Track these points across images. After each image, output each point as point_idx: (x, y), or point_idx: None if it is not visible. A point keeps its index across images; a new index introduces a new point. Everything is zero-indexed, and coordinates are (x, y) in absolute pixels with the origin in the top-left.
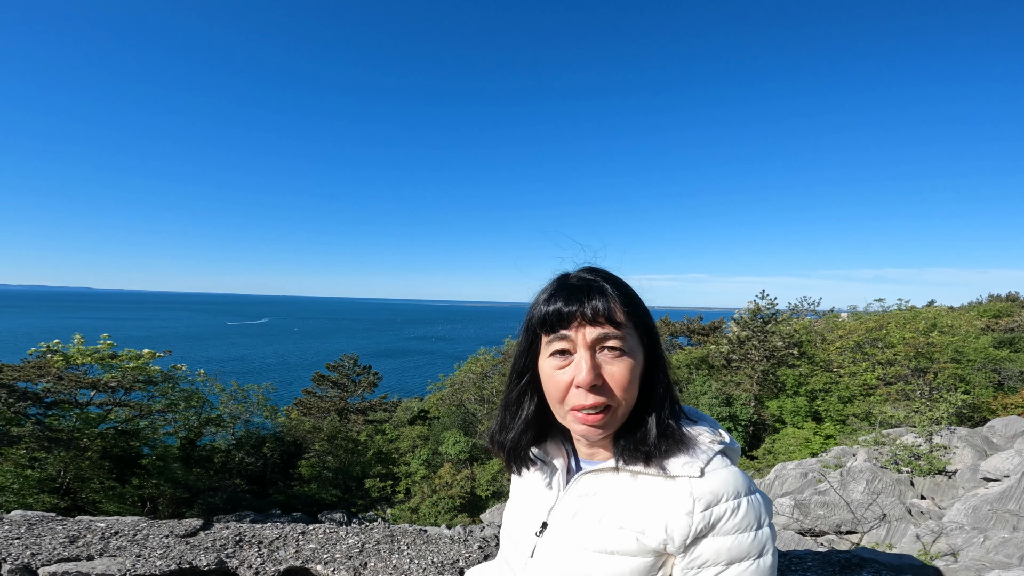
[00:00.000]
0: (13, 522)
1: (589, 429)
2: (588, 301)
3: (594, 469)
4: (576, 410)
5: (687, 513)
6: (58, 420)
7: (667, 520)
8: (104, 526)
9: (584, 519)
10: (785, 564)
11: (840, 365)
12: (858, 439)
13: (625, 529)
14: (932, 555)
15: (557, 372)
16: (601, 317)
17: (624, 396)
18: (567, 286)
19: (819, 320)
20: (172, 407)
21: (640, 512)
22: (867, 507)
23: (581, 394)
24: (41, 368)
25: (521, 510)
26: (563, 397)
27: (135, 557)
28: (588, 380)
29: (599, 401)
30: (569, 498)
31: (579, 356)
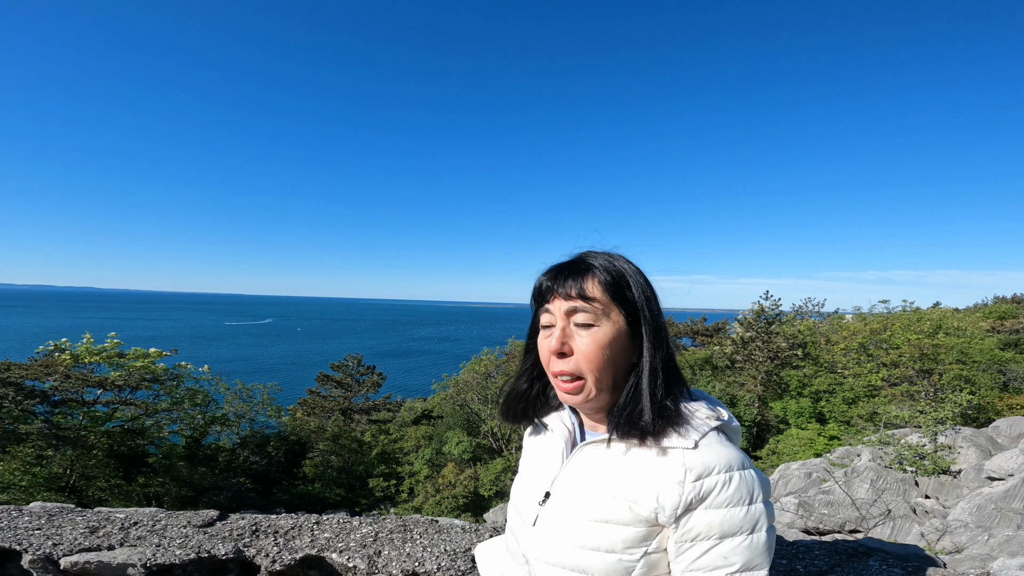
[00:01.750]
0: (33, 513)
1: (566, 396)
2: (565, 278)
3: (593, 441)
4: (555, 376)
5: (678, 483)
6: (65, 418)
7: (658, 489)
8: (123, 517)
9: (582, 488)
10: (792, 552)
11: (844, 366)
12: (863, 439)
13: (619, 498)
14: (938, 552)
15: (542, 341)
16: (572, 291)
17: (591, 367)
18: (556, 267)
19: (823, 321)
20: (177, 406)
21: (633, 482)
22: (871, 505)
23: (555, 361)
24: (48, 367)
25: (527, 481)
26: (547, 364)
27: (155, 547)
28: (552, 347)
29: (566, 369)
30: (571, 468)
31: (557, 327)
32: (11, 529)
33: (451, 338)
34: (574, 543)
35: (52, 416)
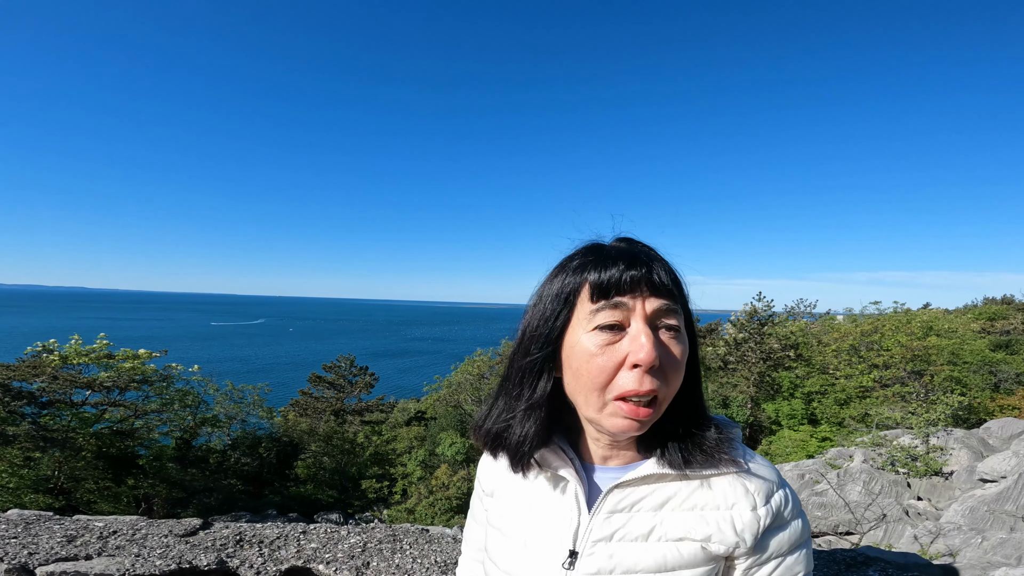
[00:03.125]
0: (10, 521)
1: (632, 424)
2: (652, 265)
3: (629, 480)
4: (623, 399)
5: (752, 509)
6: (53, 420)
7: (735, 521)
8: (102, 525)
9: (629, 538)
10: None
11: (836, 368)
12: (855, 441)
13: (686, 540)
14: (931, 556)
15: (605, 349)
16: (665, 288)
17: (675, 385)
18: (618, 250)
19: (815, 322)
20: (167, 407)
21: (701, 518)
22: (866, 508)
23: (636, 377)
24: (36, 368)
25: (528, 542)
26: (608, 381)
27: (134, 557)
28: (652, 357)
29: (654, 388)
30: (604, 517)
31: (636, 330)
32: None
33: (445, 338)
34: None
35: (40, 417)
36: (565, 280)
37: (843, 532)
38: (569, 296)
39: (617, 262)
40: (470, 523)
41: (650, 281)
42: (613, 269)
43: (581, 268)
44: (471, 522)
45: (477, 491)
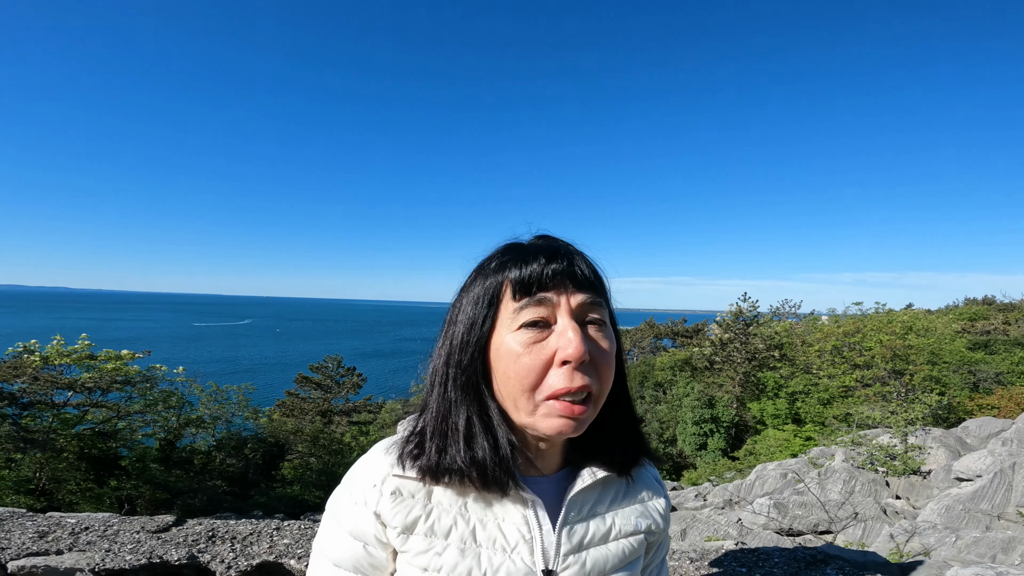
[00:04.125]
0: None
1: (569, 423)
2: (573, 259)
3: (585, 487)
4: (555, 397)
5: (664, 496)
6: (34, 421)
7: (660, 509)
8: (74, 522)
9: (595, 543)
10: (753, 560)
11: (819, 368)
12: (836, 440)
13: (637, 533)
14: (905, 554)
15: (532, 347)
16: (588, 280)
17: (608, 380)
18: (537, 246)
19: (800, 323)
20: (150, 408)
21: (641, 512)
22: (842, 506)
23: (567, 374)
24: (17, 368)
25: (483, 572)
26: (537, 381)
27: (104, 552)
28: (581, 351)
29: (586, 383)
30: (567, 529)
31: (563, 325)
32: None
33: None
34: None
35: (21, 419)
36: (486, 282)
37: (821, 531)
38: (492, 298)
39: (538, 257)
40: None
41: (573, 275)
42: (534, 264)
43: (501, 267)
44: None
45: (356, 538)
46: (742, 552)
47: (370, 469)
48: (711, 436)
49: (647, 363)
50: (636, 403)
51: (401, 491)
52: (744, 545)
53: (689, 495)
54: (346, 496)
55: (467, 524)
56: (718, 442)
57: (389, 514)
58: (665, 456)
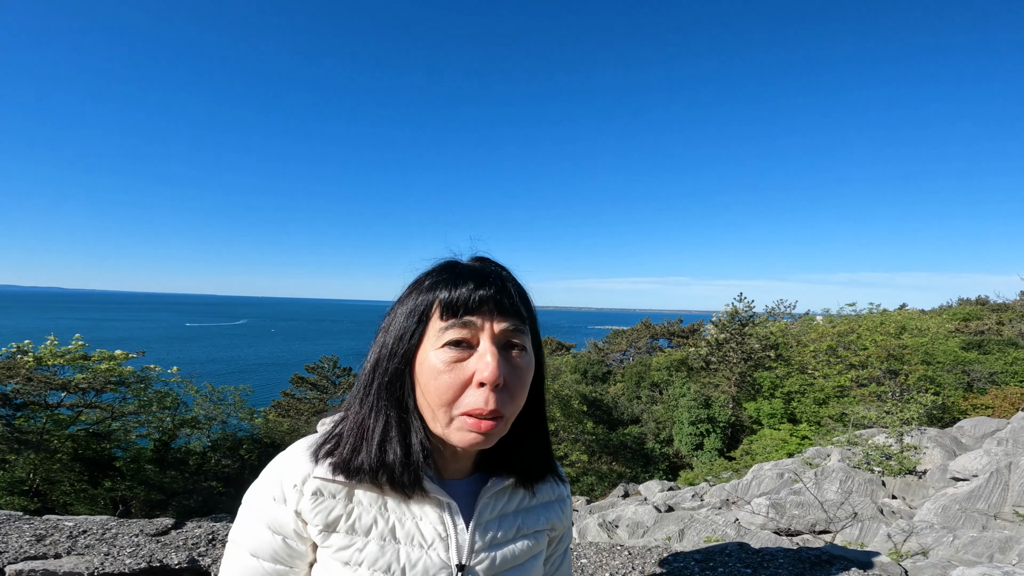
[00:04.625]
0: None
1: (477, 437)
2: (502, 288)
3: (496, 491)
4: (469, 415)
5: (567, 496)
6: (28, 422)
7: (563, 509)
8: (72, 525)
9: (504, 541)
10: (757, 561)
11: (815, 367)
12: (832, 440)
13: (540, 531)
14: (903, 554)
15: (452, 366)
16: (514, 308)
17: (518, 403)
18: (470, 269)
19: (795, 323)
20: (145, 408)
21: (543, 511)
22: (839, 506)
23: (482, 395)
24: (10, 369)
25: (402, 566)
26: (454, 398)
27: (103, 555)
28: (495, 376)
29: (496, 408)
30: (480, 528)
31: (483, 348)
32: None
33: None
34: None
35: (14, 420)
36: (418, 299)
37: (819, 531)
38: (422, 314)
39: (468, 281)
40: (255, 566)
41: (499, 302)
42: (463, 288)
43: (433, 287)
44: (258, 565)
45: (275, 532)
46: (745, 553)
47: (291, 468)
48: (707, 436)
49: (643, 363)
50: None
51: (322, 491)
52: (746, 545)
53: (686, 495)
54: (265, 493)
55: (387, 522)
56: (714, 442)
57: (310, 513)
58: (661, 456)
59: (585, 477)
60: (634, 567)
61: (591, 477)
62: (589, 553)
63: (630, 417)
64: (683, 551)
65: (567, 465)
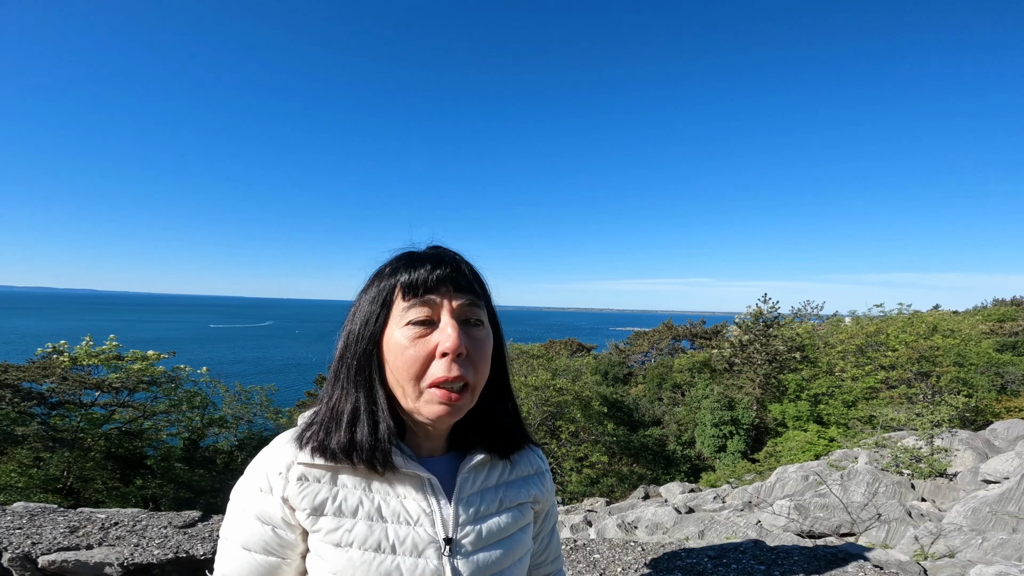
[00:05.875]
0: (16, 513)
1: (446, 409)
2: (457, 268)
3: (473, 465)
4: (437, 385)
5: (546, 471)
6: (62, 420)
7: (544, 482)
8: (104, 517)
9: (488, 514)
10: (771, 558)
11: (842, 369)
12: (859, 442)
13: (524, 503)
14: (929, 555)
15: (417, 341)
16: (469, 285)
17: (483, 373)
18: (426, 255)
19: (822, 324)
20: (175, 408)
21: (525, 484)
22: (862, 508)
23: (445, 365)
24: (46, 369)
25: (392, 543)
26: (421, 371)
27: (133, 546)
28: (456, 344)
29: (461, 374)
30: (463, 502)
31: (444, 322)
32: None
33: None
34: (510, 564)
35: (49, 418)
36: (381, 284)
37: (844, 533)
38: (385, 298)
39: (425, 264)
40: (248, 559)
41: (455, 280)
42: (421, 270)
43: (394, 272)
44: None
45: (264, 522)
46: (760, 550)
47: (275, 458)
48: (730, 438)
49: (665, 365)
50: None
51: (307, 476)
52: (762, 543)
53: (707, 497)
54: (252, 485)
55: (372, 502)
56: (737, 444)
57: (297, 499)
58: (683, 458)
59: (605, 479)
60: (646, 562)
61: (611, 479)
62: (602, 548)
63: (651, 419)
64: (697, 547)
65: (587, 466)
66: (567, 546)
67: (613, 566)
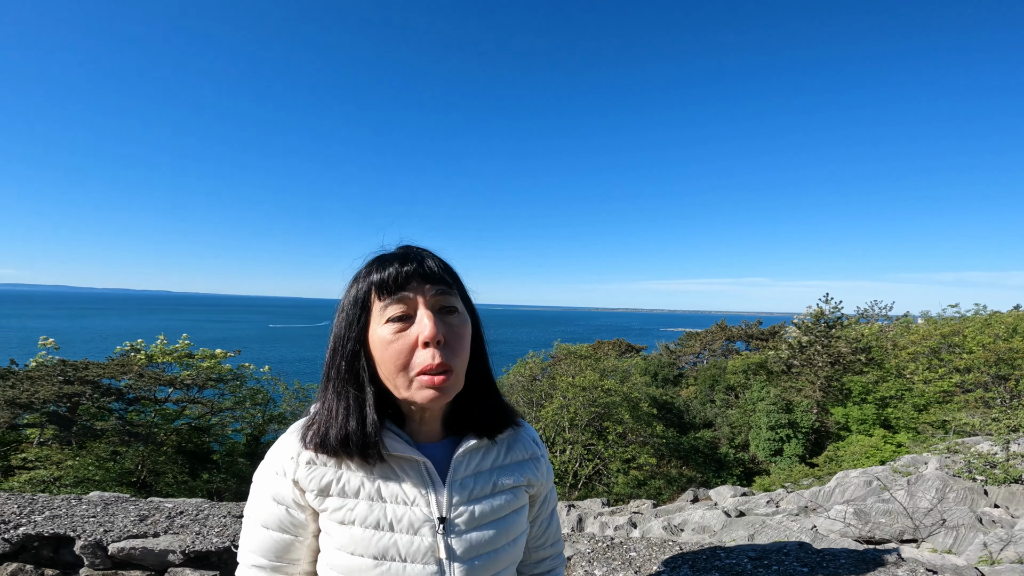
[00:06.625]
0: (91, 502)
1: (434, 392)
2: (423, 261)
3: (466, 449)
4: (423, 373)
5: (542, 456)
6: (138, 415)
7: (537, 465)
8: (171, 507)
9: (482, 496)
10: (816, 560)
11: (913, 372)
12: (929, 447)
13: (518, 487)
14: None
15: (398, 336)
16: (437, 275)
17: (463, 356)
18: (394, 254)
19: (891, 325)
20: (240, 405)
21: (519, 468)
22: (926, 514)
23: (428, 353)
24: (124, 366)
25: (390, 522)
26: (406, 362)
27: (194, 535)
28: (434, 332)
29: (443, 360)
30: (457, 484)
31: (420, 314)
32: (68, 517)
33: (502, 340)
34: (503, 544)
35: (126, 413)
36: (358, 287)
37: (906, 539)
38: (364, 300)
39: (394, 262)
40: (266, 536)
41: (423, 273)
42: (391, 268)
43: (367, 274)
44: (268, 535)
45: (279, 503)
46: (805, 552)
47: (288, 444)
48: (787, 442)
49: (718, 366)
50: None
51: (315, 461)
52: (807, 545)
53: (760, 501)
54: (269, 469)
55: (372, 484)
56: (795, 448)
57: (305, 480)
58: (736, 461)
59: (653, 481)
60: (684, 560)
61: (659, 481)
62: (639, 547)
63: (703, 421)
64: (738, 547)
65: (634, 468)
66: (603, 544)
67: (649, 564)
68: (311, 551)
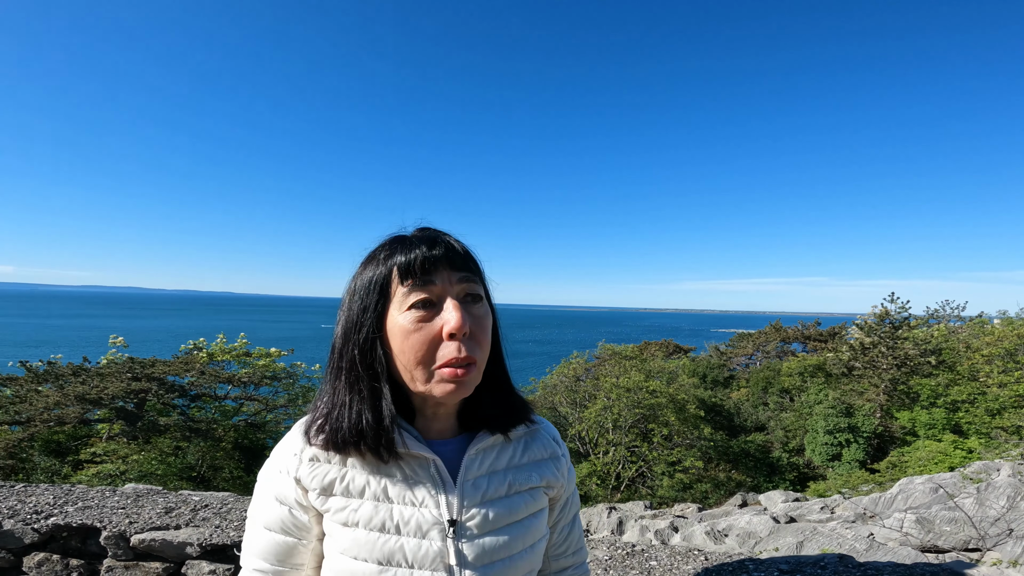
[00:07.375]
0: (124, 494)
1: (454, 386)
2: (451, 247)
3: (480, 447)
4: (447, 366)
5: (563, 456)
6: (199, 412)
7: (557, 465)
8: (197, 500)
9: (495, 497)
10: (857, 574)
11: (988, 374)
12: (1002, 453)
13: (535, 487)
14: None
15: (421, 325)
16: (465, 263)
17: (486, 348)
18: (418, 236)
19: (963, 326)
20: (293, 402)
21: (537, 468)
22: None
23: (453, 346)
24: (187, 363)
25: (396, 523)
26: (428, 354)
27: (214, 528)
28: (461, 324)
29: (469, 353)
30: (469, 484)
31: (448, 304)
32: (99, 508)
33: (547, 340)
34: (520, 550)
35: (189, 410)
36: (376, 270)
37: (970, 549)
38: (383, 284)
39: (420, 245)
40: (268, 538)
41: (451, 260)
42: (417, 251)
43: (389, 257)
44: (270, 537)
45: (281, 503)
46: (845, 566)
47: (291, 441)
48: (847, 447)
49: (772, 368)
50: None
51: (318, 458)
52: (849, 558)
53: (813, 507)
54: (271, 466)
55: (379, 483)
56: (855, 453)
57: (308, 478)
58: (789, 466)
59: (699, 484)
60: (709, 573)
61: (706, 484)
62: (661, 556)
63: (754, 424)
64: (769, 559)
65: (680, 471)
66: (622, 551)
67: (670, 575)
68: (315, 556)
